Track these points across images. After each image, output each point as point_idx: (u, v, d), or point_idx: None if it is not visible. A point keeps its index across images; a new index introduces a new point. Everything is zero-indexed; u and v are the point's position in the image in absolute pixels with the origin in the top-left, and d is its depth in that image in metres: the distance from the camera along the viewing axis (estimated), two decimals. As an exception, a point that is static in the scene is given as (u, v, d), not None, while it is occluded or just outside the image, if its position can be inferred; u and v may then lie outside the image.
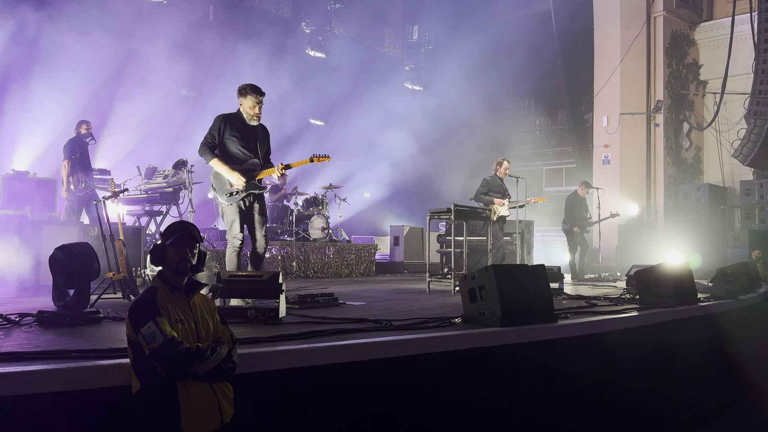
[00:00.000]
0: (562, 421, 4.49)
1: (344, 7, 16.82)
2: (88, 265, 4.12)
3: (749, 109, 12.37)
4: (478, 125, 17.53)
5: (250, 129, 5.27)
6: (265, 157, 5.38)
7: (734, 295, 6.93)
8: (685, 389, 5.78)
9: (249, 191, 5.16)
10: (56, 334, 3.59)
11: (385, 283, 8.86)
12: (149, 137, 12.27)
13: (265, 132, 5.43)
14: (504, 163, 9.05)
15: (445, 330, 4.00)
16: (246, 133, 5.23)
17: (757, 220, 13.05)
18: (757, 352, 7.34)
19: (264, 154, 5.35)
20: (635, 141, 14.84)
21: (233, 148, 5.19)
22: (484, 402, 4.01)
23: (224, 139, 5.19)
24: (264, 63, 14.09)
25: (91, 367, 2.65)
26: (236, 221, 5.16)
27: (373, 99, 16.13)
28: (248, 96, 5.21)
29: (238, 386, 2.72)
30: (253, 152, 5.24)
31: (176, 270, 2.73)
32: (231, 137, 5.18)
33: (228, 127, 5.19)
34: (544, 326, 4.36)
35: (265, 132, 5.42)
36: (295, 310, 4.95)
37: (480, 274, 4.38)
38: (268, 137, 5.45)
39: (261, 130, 5.37)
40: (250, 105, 5.21)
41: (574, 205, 10.72)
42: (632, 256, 11.84)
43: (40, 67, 10.76)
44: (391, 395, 3.52)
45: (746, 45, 13.40)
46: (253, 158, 5.22)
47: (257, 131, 5.32)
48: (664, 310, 5.57)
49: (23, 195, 8.91)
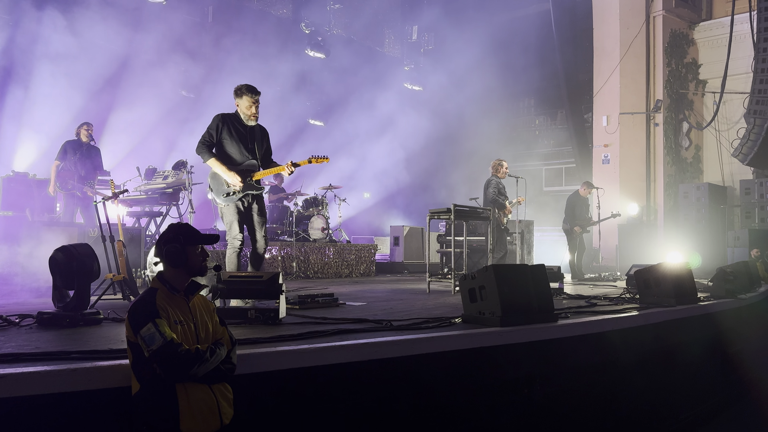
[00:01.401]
0: (563, 421, 4.49)
1: (343, 7, 16.82)
2: (88, 266, 4.12)
3: (749, 108, 12.37)
4: (478, 125, 17.54)
5: (248, 129, 5.24)
6: (265, 157, 5.36)
7: (734, 295, 6.92)
8: (685, 389, 5.78)
9: (246, 192, 5.16)
10: (56, 335, 3.59)
11: (385, 284, 8.86)
12: (149, 138, 12.26)
13: (264, 132, 5.41)
14: (504, 164, 9.07)
15: (445, 330, 4.00)
16: (243, 134, 5.21)
17: (757, 219, 13.06)
18: (758, 351, 7.34)
19: (263, 154, 5.34)
20: (635, 140, 14.84)
21: (230, 148, 5.17)
22: (484, 402, 4.01)
23: (221, 139, 5.16)
24: (264, 63, 14.09)
25: (91, 368, 2.65)
26: (235, 222, 5.16)
27: (372, 99, 16.13)
28: (244, 96, 5.20)
29: (237, 387, 2.72)
30: (251, 153, 5.22)
31: (200, 270, 2.74)
32: (228, 137, 5.16)
33: (225, 127, 5.16)
34: (544, 326, 4.36)
35: (263, 133, 5.40)
36: (295, 310, 4.95)
37: (480, 274, 4.38)
38: (267, 138, 5.43)
39: (259, 130, 5.35)
40: (246, 105, 5.19)
41: (575, 205, 10.72)
42: (632, 256, 11.84)
43: (41, 68, 10.76)
44: (392, 395, 3.52)
45: (745, 44, 13.40)
46: (250, 159, 5.21)
47: (255, 132, 5.29)
48: (664, 309, 5.57)
49: (23, 196, 8.92)
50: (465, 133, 17.58)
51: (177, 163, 9.25)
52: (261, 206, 5.30)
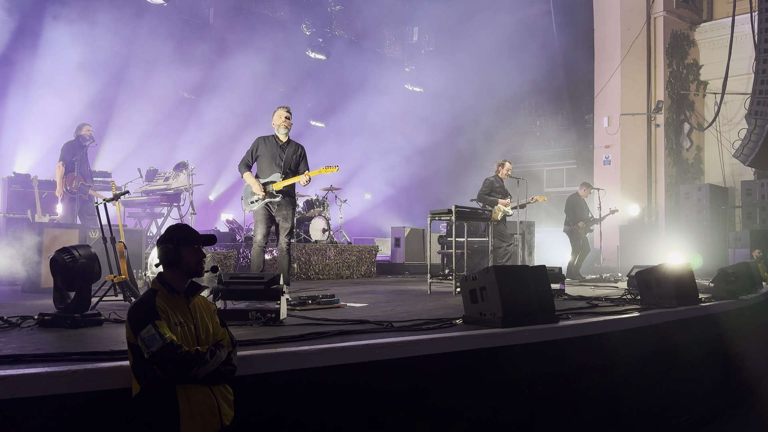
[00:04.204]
0: (564, 422, 4.49)
1: (344, 8, 16.84)
2: (89, 268, 4.12)
3: (750, 109, 12.36)
4: (479, 126, 17.53)
5: (280, 147, 6.32)
6: (295, 169, 6.34)
7: (736, 296, 6.91)
8: (686, 390, 5.77)
9: (267, 200, 6.19)
10: (57, 337, 3.59)
11: (386, 285, 8.85)
12: (150, 139, 12.28)
13: (297, 148, 6.41)
14: (506, 165, 9.07)
15: (446, 331, 4.00)
16: (275, 152, 6.29)
17: (758, 219, 13.04)
18: (759, 352, 7.33)
19: (294, 167, 6.33)
20: (636, 141, 14.83)
21: (262, 164, 6.29)
22: (485, 403, 4.01)
23: (258, 156, 6.31)
24: (265, 65, 14.11)
25: (92, 369, 2.65)
26: (259, 224, 6.21)
27: (373, 100, 16.14)
28: (277, 111, 6.36)
29: (238, 388, 2.72)
30: (278, 167, 6.24)
31: (195, 271, 2.73)
32: (263, 154, 6.29)
33: (260, 147, 6.31)
34: (546, 327, 4.35)
35: (297, 149, 6.40)
36: (296, 311, 4.95)
37: (481, 275, 4.38)
38: (300, 153, 6.41)
39: (294, 147, 6.38)
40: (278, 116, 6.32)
41: (575, 206, 10.72)
42: (633, 257, 11.83)
43: (42, 70, 10.78)
44: (393, 397, 3.52)
45: (746, 45, 13.39)
46: (276, 172, 6.23)
47: (287, 148, 6.33)
48: (666, 310, 5.56)
49: (25, 197, 8.93)
50: (465, 134, 17.57)
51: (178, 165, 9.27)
52: (286, 214, 6.27)
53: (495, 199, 8.63)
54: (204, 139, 13.13)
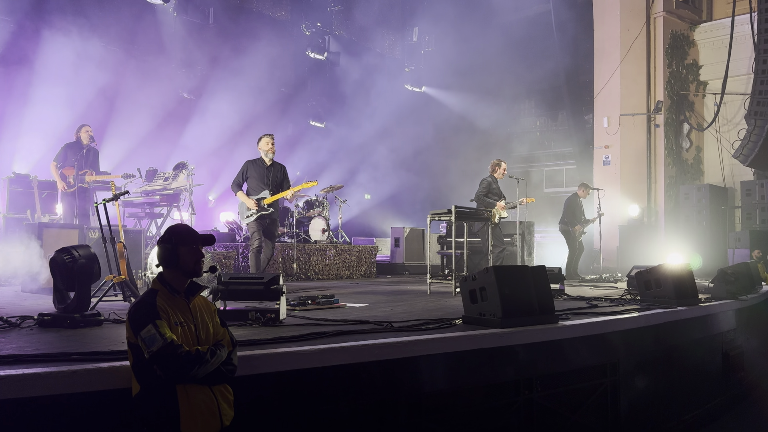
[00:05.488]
0: (564, 423, 4.49)
1: (344, 8, 16.84)
2: (88, 268, 4.12)
3: (749, 109, 12.36)
4: (478, 126, 17.53)
5: (266, 168, 7.32)
6: (280, 186, 7.34)
7: (735, 296, 6.91)
8: (686, 390, 5.77)
9: (260, 213, 7.15)
10: (57, 337, 3.59)
11: (386, 285, 8.85)
12: (150, 140, 12.27)
13: (281, 168, 7.45)
14: (502, 165, 9.04)
15: (446, 331, 4.00)
16: (262, 173, 7.30)
17: (758, 220, 13.04)
18: (759, 352, 7.33)
19: (280, 184, 7.35)
20: (635, 142, 14.83)
21: (252, 183, 7.29)
22: (485, 403, 4.01)
23: (248, 177, 7.31)
24: (264, 65, 14.11)
25: (92, 369, 2.66)
26: (255, 232, 7.20)
27: (373, 100, 16.14)
28: (263, 139, 7.38)
29: (238, 388, 2.72)
30: (266, 185, 7.25)
31: (193, 271, 2.72)
32: (251, 176, 7.29)
33: (249, 169, 7.31)
34: (545, 327, 4.35)
35: (280, 169, 7.43)
36: (295, 311, 4.95)
37: (481, 275, 4.38)
38: (283, 172, 7.46)
39: (278, 168, 7.41)
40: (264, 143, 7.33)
41: (574, 206, 10.72)
42: (633, 257, 11.82)
43: (42, 70, 10.76)
44: (393, 397, 3.52)
45: (746, 45, 13.39)
46: (265, 189, 7.23)
47: (272, 169, 7.35)
48: (665, 310, 5.57)
49: (25, 197, 8.92)
50: (465, 134, 17.57)
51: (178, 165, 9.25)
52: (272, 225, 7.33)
53: (493, 202, 8.63)
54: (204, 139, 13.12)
